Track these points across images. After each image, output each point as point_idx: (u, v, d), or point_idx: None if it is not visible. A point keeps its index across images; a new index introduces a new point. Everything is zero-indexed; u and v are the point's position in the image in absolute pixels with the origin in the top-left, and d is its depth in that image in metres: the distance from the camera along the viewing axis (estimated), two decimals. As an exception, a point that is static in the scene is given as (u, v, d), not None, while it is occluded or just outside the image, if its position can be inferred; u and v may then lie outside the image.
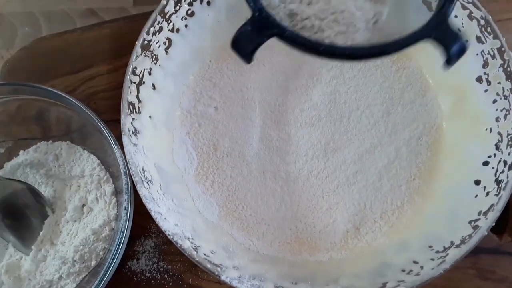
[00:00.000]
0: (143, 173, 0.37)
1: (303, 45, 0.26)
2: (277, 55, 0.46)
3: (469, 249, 0.33)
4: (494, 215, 0.34)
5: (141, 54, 0.40)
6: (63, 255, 0.40)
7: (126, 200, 0.38)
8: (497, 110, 0.39)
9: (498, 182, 0.36)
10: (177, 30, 0.42)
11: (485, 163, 0.38)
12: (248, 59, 0.27)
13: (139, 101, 0.40)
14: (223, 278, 0.34)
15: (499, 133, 0.38)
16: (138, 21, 0.51)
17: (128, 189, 0.38)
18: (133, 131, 0.38)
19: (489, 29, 0.39)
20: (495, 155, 0.37)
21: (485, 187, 0.37)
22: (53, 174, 0.44)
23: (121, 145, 0.39)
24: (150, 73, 0.41)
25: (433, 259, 0.34)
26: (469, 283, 0.41)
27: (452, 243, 0.34)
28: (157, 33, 0.41)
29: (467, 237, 0.34)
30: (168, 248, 0.43)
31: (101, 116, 0.41)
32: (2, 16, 0.57)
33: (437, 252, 0.35)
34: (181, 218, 0.38)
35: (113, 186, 0.43)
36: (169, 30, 0.42)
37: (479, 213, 0.35)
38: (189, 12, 0.42)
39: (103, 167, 0.44)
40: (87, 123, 0.42)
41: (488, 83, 0.40)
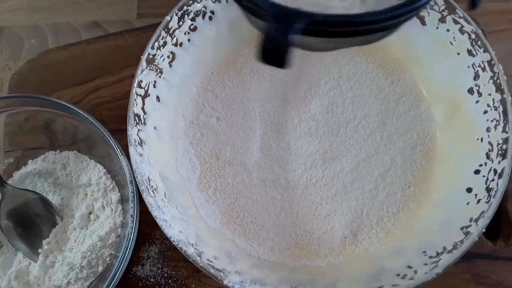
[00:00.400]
0: (149, 182, 0.38)
1: (350, 24, 0.21)
2: (276, 67, 0.47)
3: (460, 254, 0.34)
4: (484, 221, 0.35)
5: (146, 67, 0.41)
6: (71, 261, 0.40)
7: (132, 207, 0.39)
8: (487, 120, 0.39)
9: (488, 190, 0.37)
10: (181, 44, 0.43)
11: (477, 172, 0.39)
12: (286, 65, 0.22)
13: (145, 113, 0.41)
14: (225, 282, 0.34)
15: (490, 143, 0.39)
16: (141, 33, 0.53)
17: (134, 197, 0.39)
18: (139, 141, 0.39)
19: (479, 43, 0.40)
20: (485, 164, 0.38)
21: (476, 195, 0.37)
22: (61, 182, 0.45)
23: (127, 154, 0.39)
24: (154, 86, 0.42)
25: (426, 264, 0.35)
26: (464, 288, 0.42)
27: (444, 248, 0.35)
28: (162, 48, 0.42)
29: (459, 243, 0.35)
30: (172, 254, 0.43)
31: (106, 126, 0.42)
32: (9, 28, 0.58)
33: (430, 257, 0.35)
34: (185, 225, 0.38)
35: (119, 194, 0.43)
36: (172, 44, 0.43)
37: (471, 220, 0.36)
38: (192, 27, 0.44)
39: (109, 175, 0.44)
40: (93, 133, 0.43)
41: (479, 94, 0.41)
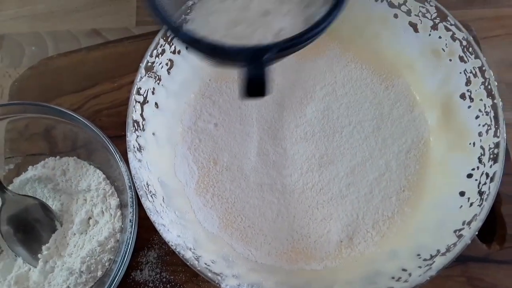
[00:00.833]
0: (147, 187, 0.38)
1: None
2: (273, 73, 0.48)
3: (453, 257, 0.34)
4: (477, 224, 0.35)
5: (145, 75, 0.42)
6: (70, 266, 0.41)
7: (131, 212, 0.39)
8: (479, 125, 0.40)
9: (480, 193, 0.37)
10: (179, 52, 0.44)
11: (469, 176, 0.39)
12: (268, 93, 0.27)
13: (143, 119, 0.41)
14: (223, 286, 0.35)
15: (482, 147, 0.39)
16: (140, 41, 0.53)
17: (133, 203, 0.40)
18: (138, 147, 0.40)
19: (470, 49, 0.41)
20: (478, 168, 0.39)
21: (469, 198, 0.38)
22: (61, 188, 0.46)
23: (126, 160, 0.40)
24: (153, 93, 0.43)
25: (420, 267, 0.35)
26: (459, 290, 0.42)
27: (438, 251, 0.36)
28: (160, 55, 0.43)
29: (452, 246, 0.35)
30: (170, 259, 0.44)
31: (106, 132, 0.42)
32: (10, 36, 0.59)
33: (425, 260, 0.36)
34: (183, 229, 0.39)
35: (118, 199, 0.44)
36: (171, 52, 0.44)
37: (463, 223, 0.36)
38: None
39: (108, 181, 0.45)
40: (93, 139, 0.44)
41: (471, 100, 0.41)
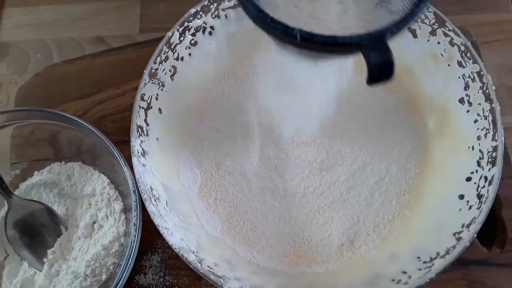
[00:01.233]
0: (151, 191, 0.39)
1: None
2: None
3: (453, 259, 0.35)
4: (475, 227, 0.36)
5: (149, 81, 0.42)
6: (75, 270, 0.41)
7: (135, 216, 0.40)
8: (478, 129, 0.41)
9: (479, 196, 0.38)
10: (182, 58, 0.45)
11: (468, 179, 0.40)
12: (395, 74, 0.25)
13: (147, 125, 0.42)
14: None
15: (480, 151, 0.40)
16: (144, 48, 0.54)
17: (137, 207, 0.40)
18: (142, 152, 0.41)
19: (468, 55, 0.42)
20: (477, 171, 0.39)
21: (468, 201, 0.38)
22: (66, 193, 0.46)
23: (130, 165, 0.40)
24: (157, 99, 0.43)
25: (420, 269, 0.36)
26: (460, 293, 0.42)
27: (438, 254, 0.36)
28: (163, 62, 0.43)
29: (451, 248, 0.36)
30: (173, 262, 0.44)
31: (110, 137, 0.43)
32: (15, 44, 0.60)
33: (424, 262, 0.36)
34: (186, 233, 0.39)
35: (122, 204, 0.44)
36: (174, 58, 0.44)
37: (463, 226, 0.37)
38: (193, 41, 0.45)
39: (112, 186, 0.45)
40: (97, 144, 0.44)
41: (469, 104, 0.42)
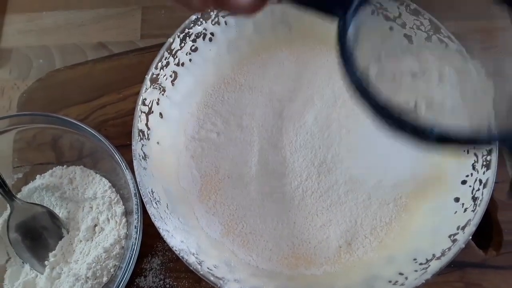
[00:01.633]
0: (152, 194, 0.39)
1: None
2: (273, 83, 0.49)
3: (448, 261, 0.35)
4: (470, 229, 0.36)
5: (150, 86, 0.43)
6: (77, 272, 0.41)
7: (136, 219, 0.40)
8: (473, 133, 0.42)
9: (474, 199, 0.38)
10: (182, 64, 0.46)
11: (463, 182, 0.40)
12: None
13: (148, 129, 0.43)
14: None
15: (475, 154, 0.40)
16: (145, 53, 0.55)
17: (138, 210, 0.41)
18: (143, 156, 0.41)
19: (463, 60, 0.43)
20: (472, 174, 0.40)
21: (463, 204, 0.39)
22: (67, 196, 0.46)
23: (131, 168, 0.41)
24: (158, 103, 0.44)
25: (416, 271, 0.36)
26: (457, 295, 0.43)
27: (433, 255, 0.37)
28: (164, 68, 0.44)
29: (446, 250, 0.36)
30: (174, 265, 0.44)
31: (111, 141, 0.43)
32: (18, 49, 0.60)
33: (421, 264, 0.37)
34: (186, 235, 0.40)
35: (123, 207, 0.45)
36: (175, 64, 0.45)
37: (458, 228, 0.37)
38: (193, 47, 0.46)
39: (114, 189, 0.46)
40: (99, 148, 0.45)
41: (465, 108, 0.43)
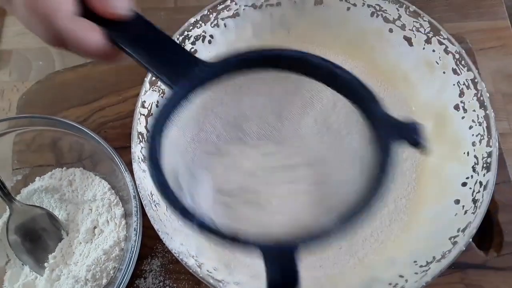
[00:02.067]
0: (151, 196, 0.39)
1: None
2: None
3: (448, 263, 0.35)
4: (471, 231, 0.36)
5: (150, 89, 0.43)
6: (76, 274, 0.42)
7: (135, 221, 0.40)
8: (473, 135, 0.41)
9: (474, 201, 0.38)
10: (181, 66, 0.46)
11: (464, 184, 0.40)
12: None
13: (148, 131, 0.42)
14: None
15: (475, 156, 0.40)
16: (144, 55, 0.55)
17: (137, 212, 0.41)
18: (142, 158, 0.41)
19: (463, 62, 0.42)
20: (472, 176, 0.40)
21: (463, 206, 0.39)
22: (67, 198, 0.47)
23: (130, 171, 0.41)
24: (157, 106, 0.43)
25: (416, 273, 0.36)
26: (457, 297, 0.43)
27: (434, 258, 0.36)
28: (164, 70, 0.44)
29: (447, 252, 0.36)
30: (173, 267, 0.44)
31: (111, 143, 0.43)
32: (17, 51, 0.60)
33: (421, 266, 0.37)
34: (186, 238, 0.39)
35: (123, 209, 0.45)
36: (174, 67, 0.45)
37: (458, 230, 0.37)
38: (192, 50, 0.46)
39: (113, 191, 0.46)
40: (98, 150, 0.45)
41: (464, 110, 0.42)
